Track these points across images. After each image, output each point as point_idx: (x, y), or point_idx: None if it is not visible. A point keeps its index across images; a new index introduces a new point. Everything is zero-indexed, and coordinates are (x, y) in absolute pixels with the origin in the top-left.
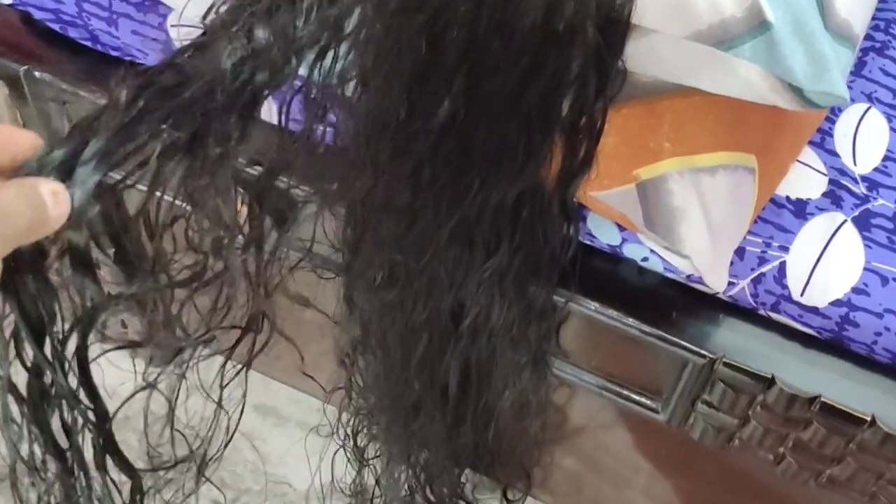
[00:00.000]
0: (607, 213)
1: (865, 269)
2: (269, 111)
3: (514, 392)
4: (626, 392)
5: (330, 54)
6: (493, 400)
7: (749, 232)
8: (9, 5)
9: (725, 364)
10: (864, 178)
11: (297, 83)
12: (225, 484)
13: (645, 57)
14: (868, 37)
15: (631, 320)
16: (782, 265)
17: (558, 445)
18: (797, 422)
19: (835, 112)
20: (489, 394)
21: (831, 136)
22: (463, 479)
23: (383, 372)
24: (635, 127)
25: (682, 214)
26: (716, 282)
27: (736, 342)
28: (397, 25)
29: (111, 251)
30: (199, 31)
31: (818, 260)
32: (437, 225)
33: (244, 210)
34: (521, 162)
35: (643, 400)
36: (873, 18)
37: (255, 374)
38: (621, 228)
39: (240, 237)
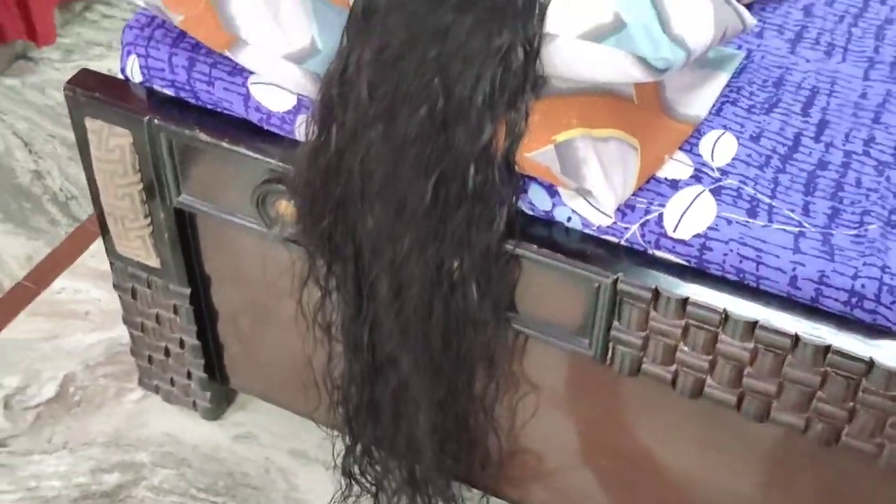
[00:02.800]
0: (535, 168)
1: (717, 216)
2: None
3: (483, 341)
4: (562, 334)
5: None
6: (466, 351)
7: (635, 195)
8: (139, 83)
9: (623, 282)
10: (719, 169)
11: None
12: None
13: (554, 57)
14: (724, 94)
15: (559, 255)
16: (661, 215)
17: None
18: (678, 328)
19: (700, 133)
20: (465, 344)
21: (697, 145)
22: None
23: (383, 335)
24: (554, 110)
25: (585, 162)
26: (608, 205)
27: (632, 271)
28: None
29: None
30: (275, 88)
31: (685, 211)
32: (425, 182)
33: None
34: (478, 131)
35: (577, 338)
36: (728, 85)
37: (293, 420)
38: (551, 195)
39: None
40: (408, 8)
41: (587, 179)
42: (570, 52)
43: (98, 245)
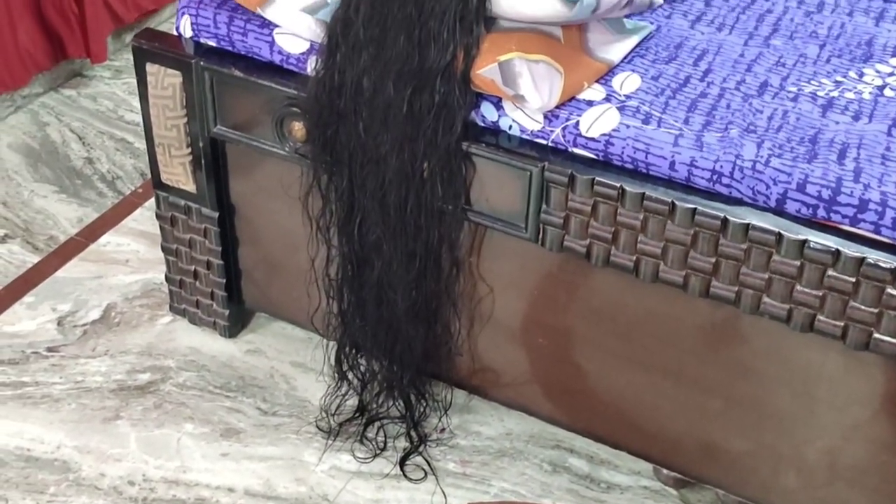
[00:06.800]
0: (484, 82)
1: (619, 123)
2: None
3: (446, 228)
4: (505, 221)
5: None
6: (433, 237)
7: (559, 107)
8: (189, 37)
9: (548, 170)
10: (625, 95)
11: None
12: (266, 400)
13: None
14: (635, 51)
15: (502, 151)
16: (577, 122)
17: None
18: (589, 205)
19: (613, 73)
20: (432, 231)
21: (610, 80)
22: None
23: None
24: (499, 41)
25: (520, 75)
26: (535, 106)
27: (555, 162)
28: None
29: None
30: (293, 36)
31: (596, 119)
32: (403, 93)
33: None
34: (444, 52)
35: (516, 225)
36: (639, 45)
37: (295, 341)
38: (497, 109)
39: None
40: None
41: (521, 87)
42: None
43: (139, 212)
